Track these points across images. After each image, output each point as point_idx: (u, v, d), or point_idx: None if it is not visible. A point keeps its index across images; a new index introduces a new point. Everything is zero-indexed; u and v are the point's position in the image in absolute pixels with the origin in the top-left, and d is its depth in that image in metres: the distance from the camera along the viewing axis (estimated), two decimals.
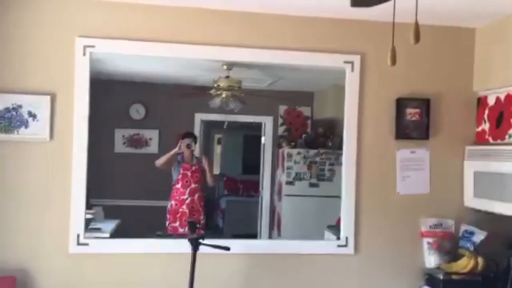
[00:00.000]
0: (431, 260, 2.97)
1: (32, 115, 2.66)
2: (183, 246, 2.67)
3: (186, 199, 4.42)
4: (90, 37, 2.73)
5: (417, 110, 3.00)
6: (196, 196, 4.44)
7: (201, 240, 2.58)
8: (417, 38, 1.51)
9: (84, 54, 2.71)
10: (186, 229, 4.21)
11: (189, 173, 4.44)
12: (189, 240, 2.59)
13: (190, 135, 4.54)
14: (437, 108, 3.05)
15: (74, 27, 2.73)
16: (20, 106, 2.66)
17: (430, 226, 3.02)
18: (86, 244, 2.73)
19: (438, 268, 2.92)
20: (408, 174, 3.02)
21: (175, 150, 4.37)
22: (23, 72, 2.69)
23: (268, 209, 4.97)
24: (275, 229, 4.87)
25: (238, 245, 2.83)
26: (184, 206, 4.40)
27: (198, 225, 2.73)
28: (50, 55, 2.72)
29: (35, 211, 2.70)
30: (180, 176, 4.44)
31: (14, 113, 2.65)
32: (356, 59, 2.95)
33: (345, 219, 2.98)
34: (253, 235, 4.81)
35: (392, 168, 3.02)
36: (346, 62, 2.95)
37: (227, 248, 2.62)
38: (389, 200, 3.02)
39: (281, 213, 4.78)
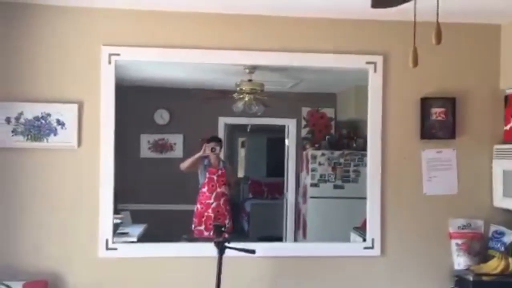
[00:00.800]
0: (460, 261, 2.92)
1: (61, 123, 2.73)
2: (209, 250, 2.69)
3: (212, 203, 4.45)
4: (115, 45, 2.79)
5: (443, 110, 2.96)
6: (222, 200, 4.47)
7: (226, 244, 2.59)
8: (438, 39, 1.50)
9: (109, 63, 2.78)
10: (212, 232, 4.24)
11: (215, 177, 4.48)
12: (215, 243, 2.61)
13: (216, 139, 4.56)
14: (463, 107, 3.00)
15: (99, 36, 2.80)
16: (49, 115, 2.74)
17: (458, 227, 2.97)
18: (115, 249, 2.79)
19: (467, 269, 2.87)
20: (435, 175, 2.98)
21: (200, 153, 4.40)
22: (51, 81, 2.77)
23: (293, 212, 4.95)
24: (300, 232, 4.85)
25: (263, 248, 2.85)
26: (210, 210, 4.44)
27: (223, 229, 2.74)
28: (76, 64, 2.79)
29: (65, 217, 2.77)
30: (206, 180, 4.47)
31: (43, 121, 2.72)
32: (379, 59, 2.93)
33: (371, 221, 2.96)
34: (279, 238, 4.79)
35: (418, 169, 2.98)
36: (368, 62, 2.94)
37: (253, 251, 2.63)
38: (415, 201, 2.98)
39: (306, 215, 4.77)
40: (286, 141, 5.09)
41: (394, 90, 2.96)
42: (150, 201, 4.57)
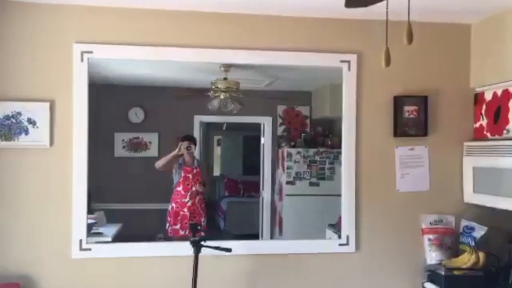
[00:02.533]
0: (433, 256, 2.99)
1: (32, 122, 2.68)
2: (185, 249, 2.69)
3: (187, 201, 4.43)
4: (87, 43, 2.75)
5: (415, 108, 3.02)
6: (197, 198, 4.46)
7: (202, 242, 2.59)
8: (410, 39, 1.53)
9: (82, 60, 2.73)
10: (187, 231, 4.21)
11: (190, 176, 4.46)
12: (191, 242, 2.60)
13: (190, 138, 4.55)
14: (434, 105, 3.07)
15: (71, 34, 2.75)
16: (19, 113, 2.68)
17: (430, 223, 3.03)
18: (89, 249, 2.75)
19: (439, 264, 2.94)
20: (407, 172, 3.03)
21: (175, 152, 4.38)
22: (22, 80, 2.71)
23: (269, 209, 4.91)
24: (276, 229, 4.83)
25: (239, 246, 2.85)
26: (185, 209, 4.42)
27: (199, 228, 2.74)
28: (48, 62, 2.74)
29: (37, 218, 2.72)
30: (181, 179, 4.46)
31: (14, 120, 2.66)
32: (353, 58, 2.97)
33: (345, 218, 2.99)
34: (255, 236, 4.73)
35: (391, 166, 3.04)
36: (342, 61, 2.97)
37: (229, 250, 2.64)
38: (389, 198, 3.04)
39: (282, 212, 4.78)
40: (262, 139, 5.05)
41: (368, 88, 3.01)
42: (125, 200, 4.44)
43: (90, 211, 4.13)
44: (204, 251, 2.63)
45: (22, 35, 2.71)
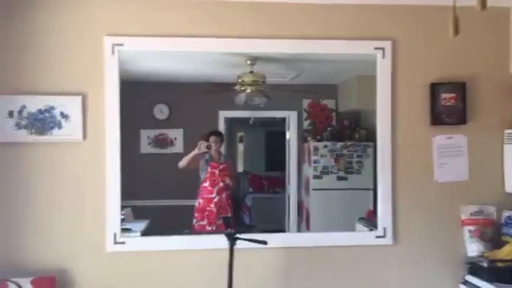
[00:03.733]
0: (474, 248, 2.90)
1: (65, 116, 2.66)
2: (218, 242, 2.65)
3: (214, 197, 4.41)
4: (118, 35, 2.72)
5: (452, 95, 2.92)
6: (224, 194, 4.43)
7: (238, 235, 2.54)
8: (456, 31, 1.44)
9: (113, 53, 2.70)
10: (214, 227, 4.20)
11: (217, 172, 4.43)
12: (226, 235, 2.56)
13: (216, 133, 4.50)
14: (473, 92, 2.97)
15: (101, 26, 2.73)
16: (52, 108, 2.66)
17: (470, 214, 2.94)
18: (123, 243, 2.73)
19: (481, 256, 2.84)
20: (446, 161, 2.94)
21: (195, 151, 4.34)
22: (54, 73, 2.70)
23: (296, 205, 4.93)
24: (303, 224, 4.82)
25: (272, 239, 2.78)
26: (212, 205, 4.39)
27: (231, 221, 2.69)
28: (80, 55, 2.72)
29: (71, 212, 2.71)
30: (208, 175, 4.43)
31: (47, 114, 2.65)
32: (387, 45, 2.89)
33: (382, 209, 2.91)
34: (282, 231, 4.69)
35: (428, 156, 2.95)
36: (376, 48, 2.89)
37: (264, 242, 2.58)
38: (427, 189, 2.95)
39: (309, 207, 4.75)
40: (287, 134, 5.07)
41: (403, 76, 2.92)
42: (151, 197, 4.52)
43: None
44: (237, 244, 2.57)
45: (52, 28, 2.70)
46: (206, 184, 4.43)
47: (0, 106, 2.62)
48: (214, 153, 4.41)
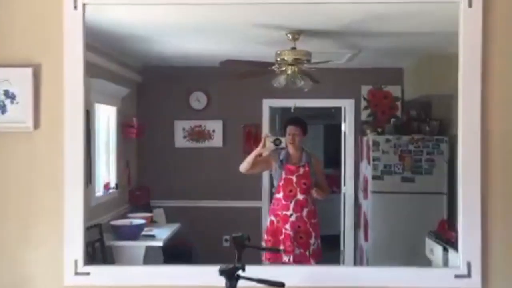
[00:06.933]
0: None
1: (10, 96, 2.05)
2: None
3: (290, 215, 3.38)
4: None
5: None
6: (305, 211, 3.39)
7: (240, 272, 1.74)
8: None
9: (75, 8, 2.05)
10: (291, 258, 3.29)
11: (294, 178, 3.41)
12: (221, 271, 1.70)
13: (296, 121, 3.56)
14: None
15: None
16: None
17: None
18: (87, 274, 1.98)
19: None
20: None
21: (258, 149, 3.43)
22: None
23: (352, 208, 4.54)
24: (361, 233, 4.40)
25: (294, 275, 2.01)
26: (288, 225, 3.36)
27: (247, 242, 1.90)
28: (30, 12, 2.03)
29: (16, 225, 1.99)
30: (281, 182, 3.41)
31: None
32: None
33: (465, 235, 2.05)
34: (336, 237, 4.46)
35: None
36: None
37: (281, 284, 1.74)
38: None
39: (367, 213, 4.30)
40: (343, 126, 4.65)
41: (500, 36, 2.07)
42: (187, 197, 4.27)
43: (148, 208, 4.06)
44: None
45: None
46: (280, 195, 3.40)
47: None
48: (292, 150, 3.46)
